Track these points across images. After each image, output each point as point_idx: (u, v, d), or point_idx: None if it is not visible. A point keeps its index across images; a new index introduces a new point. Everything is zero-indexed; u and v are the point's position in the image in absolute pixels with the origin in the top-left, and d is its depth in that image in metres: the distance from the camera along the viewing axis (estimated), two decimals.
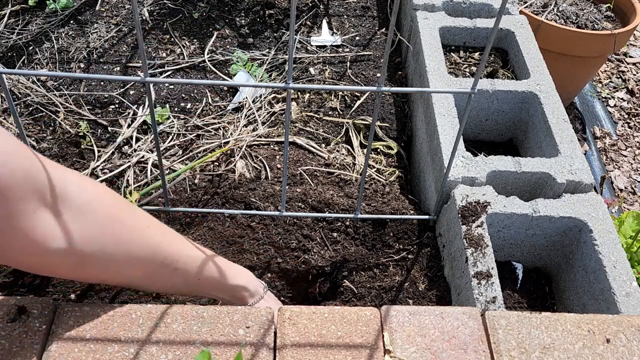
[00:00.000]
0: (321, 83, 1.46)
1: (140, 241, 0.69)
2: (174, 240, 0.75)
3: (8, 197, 0.53)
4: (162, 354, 0.72)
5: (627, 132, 2.34)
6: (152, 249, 0.71)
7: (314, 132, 1.35)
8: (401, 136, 1.38)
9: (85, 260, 0.64)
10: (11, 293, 0.97)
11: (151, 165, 1.23)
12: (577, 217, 0.99)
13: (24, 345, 0.71)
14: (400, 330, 0.78)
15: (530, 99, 1.23)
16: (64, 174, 0.61)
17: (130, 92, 1.42)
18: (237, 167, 1.22)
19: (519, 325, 0.78)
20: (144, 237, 0.70)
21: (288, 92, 0.81)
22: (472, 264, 0.90)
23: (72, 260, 0.63)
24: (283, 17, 1.68)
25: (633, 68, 2.61)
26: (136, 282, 0.76)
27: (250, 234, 1.09)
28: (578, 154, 1.07)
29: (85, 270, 0.67)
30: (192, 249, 0.77)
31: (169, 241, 0.74)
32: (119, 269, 0.69)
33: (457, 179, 1.02)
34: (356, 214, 1.05)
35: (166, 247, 0.73)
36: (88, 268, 0.66)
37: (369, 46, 1.60)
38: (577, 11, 2.08)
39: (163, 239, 0.73)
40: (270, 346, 0.75)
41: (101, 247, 0.64)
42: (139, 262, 0.70)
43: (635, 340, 0.78)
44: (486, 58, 0.79)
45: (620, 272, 0.91)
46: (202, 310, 0.78)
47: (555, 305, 1.08)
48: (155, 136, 0.88)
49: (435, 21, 1.38)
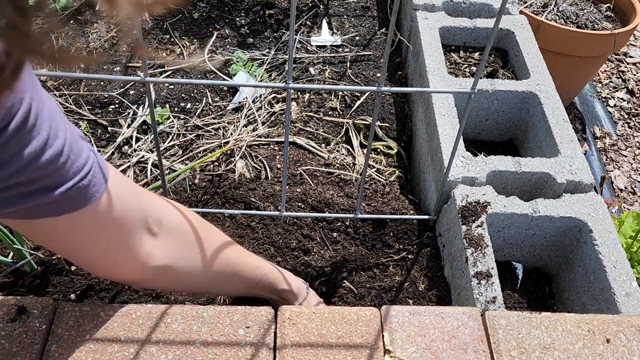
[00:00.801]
0: (321, 83, 1.46)
1: (217, 256, 0.78)
2: (240, 253, 0.84)
3: (123, 225, 0.64)
4: (162, 354, 0.72)
5: (627, 132, 2.34)
6: (225, 262, 0.80)
7: (314, 132, 1.35)
8: (401, 136, 1.38)
9: (175, 275, 0.74)
10: (11, 293, 0.97)
11: (151, 165, 1.23)
12: (577, 217, 0.99)
13: (24, 345, 0.71)
14: (400, 330, 0.78)
15: (530, 99, 1.23)
16: (159, 203, 0.71)
17: (130, 92, 1.42)
18: (237, 167, 1.22)
19: (519, 325, 0.78)
20: (220, 253, 0.79)
21: (288, 92, 0.81)
22: (472, 264, 0.90)
23: (165, 274, 0.73)
24: (283, 17, 1.68)
25: (633, 68, 2.61)
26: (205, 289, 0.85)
27: (250, 233, 1.09)
28: (578, 154, 1.07)
29: (173, 283, 0.77)
30: (253, 259, 0.85)
31: (237, 254, 0.82)
32: (199, 281, 0.78)
33: (457, 179, 1.02)
34: (356, 214, 1.05)
35: (235, 260, 0.81)
36: (176, 281, 0.76)
37: (369, 46, 1.60)
38: (577, 11, 2.08)
39: (233, 251, 0.82)
40: (270, 346, 0.75)
41: (188, 264, 0.74)
42: (215, 274, 0.79)
43: (635, 340, 0.78)
44: (486, 58, 0.79)
45: (620, 272, 0.91)
46: (202, 310, 0.78)
47: (555, 305, 1.08)
48: (155, 136, 0.88)
49: (435, 21, 1.38)
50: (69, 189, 0.55)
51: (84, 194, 0.57)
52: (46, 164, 0.52)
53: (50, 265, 1.00)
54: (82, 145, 0.57)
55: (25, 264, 0.98)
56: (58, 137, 0.53)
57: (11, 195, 0.52)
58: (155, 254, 0.69)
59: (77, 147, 0.56)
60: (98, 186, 0.58)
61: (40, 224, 0.58)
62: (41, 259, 0.99)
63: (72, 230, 0.60)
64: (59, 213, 0.57)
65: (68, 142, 0.54)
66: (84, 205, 0.57)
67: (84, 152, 0.56)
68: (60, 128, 0.53)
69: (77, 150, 0.55)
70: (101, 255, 0.66)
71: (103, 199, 0.59)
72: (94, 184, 0.58)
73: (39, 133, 0.51)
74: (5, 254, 1.02)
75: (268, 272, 0.87)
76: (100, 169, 0.59)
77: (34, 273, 0.99)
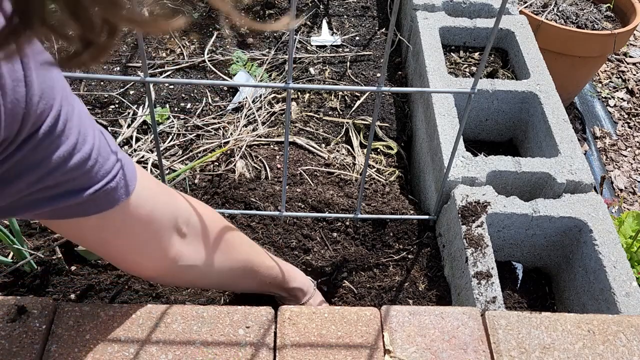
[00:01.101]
0: (321, 83, 1.46)
1: (238, 256, 0.82)
2: (257, 252, 0.87)
3: (151, 225, 0.66)
4: (162, 354, 0.72)
5: (627, 132, 2.34)
6: (245, 261, 0.83)
7: (314, 132, 1.35)
8: (401, 136, 1.38)
9: (199, 274, 0.76)
10: (11, 293, 0.97)
11: (151, 165, 1.23)
12: (577, 217, 0.99)
13: (24, 345, 0.71)
14: (400, 330, 0.78)
15: (530, 99, 1.23)
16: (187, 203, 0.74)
17: (130, 92, 1.42)
18: (237, 167, 1.22)
19: (519, 325, 0.78)
20: (241, 253, 0.83)
21: (288, 92, 0.81)
22: (472, 264, 0.90)
23: (190, 273, 0.75)
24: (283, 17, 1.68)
25: (633, 68, 2.61)
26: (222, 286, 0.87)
27: (250, 233, 1.09)
28: (578, 154, 1.07)
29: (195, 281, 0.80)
30: (268, 258, 0.88)
31: (255, 254, 0.86)
32: (220, 279, 0.82)
33: (457, 179, 1.02)
34: (356, 214, 1.05)
35: (253, 259, 0.85)
36: (198, 280, 0.79)
37: (369, 46, 1.60)
38: (577, 11, 2.08)
39: (252, 251, 0.85)
40: (270, 346, 0.75)
41: (212, 263, 0.77)
42: (235, 272, 0.82)
43: (635, 340, 0.78)
44: (486, 58, 0.79)
45: (620, 272, 0.91)
46: (202, 310, 0.78)
47: (555, 305, 1.08)
48: (155, 136, 0.88)
49: (435, 21, 1.38)
50: (97, 191, 0.56)
51: (112, 196, 0.58)
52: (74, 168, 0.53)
53: (50, 265, 1.00)
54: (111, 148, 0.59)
55: (25, 264, 0.98)
56: (87, 142, 0.54)
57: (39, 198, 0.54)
58: (183, 254, 0.72)
59: (106, 151, 0.57)
60: (126, 188, 0.60)
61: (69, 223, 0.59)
62: (41, 259, 0.99)
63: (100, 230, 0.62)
64: (87, 214, 0.58)
65: (96, 146, 0.55)
66: (112, 207, 0.59)
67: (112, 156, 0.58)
68: (89, 132, 0.55)
69: (106, 153, 0.57)
70: (129, 253, 0.69)
71: (131, 201, 0.61)
72: (122, 186, 0.59)
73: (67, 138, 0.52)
74: (5, 254, 1.02)
75: (280, 271, 0.90)
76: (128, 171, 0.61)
77: (34, 273, 0.99)
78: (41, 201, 0.54)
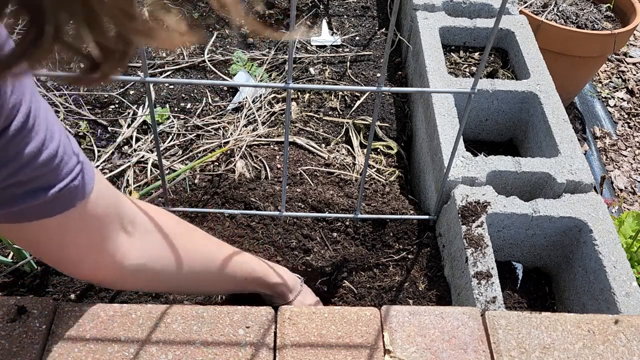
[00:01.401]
0: (321, 83, 1.46)
1: (198, 255, 0.79)
2: (226, 250, 0.83)
3: (103, 223, 0.65)
4: (162, 354, 0.72)
5: (627, 132, 2.34)
6: (208, 260, 0.80)
7: (314, 132, 1.35)
8: (401, 136, 1.38)
9: (154, 274, 0.74)
10: (11, 293, 0.97)
11: (151, 165, 1.23)
12: (577, 217, 0.99)
13: (24, 345, 0.71)
14: (400, 330, 0.78)
15: (530, 99, 1.23)
16: (133, 204, 0.72)
17: (130, 92, 1.42)
18: (237, 167, 1.22)
19: (519, 325, 0.78)
20: (202, 251, 0.80)
21: (288, 92, 0.81)
22: (472, 264, 0.90)
23: (143, 274, 0.73)
24: (283, 17, 1.68)
25: (633, 68, 2.61)
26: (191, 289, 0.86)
27: (250, 233, 1.09)
28: (578, 154, 1.07)
29: (153, 283, 0.78)
30: (241, 255, 0.85)
31: (222, 252, 0.82)
32: (180, 280, 0.78)
33: (457, 179, 1.02)
34: (356, 214, 1.05)
35: (219, 257, 0.81)
36: (156, 281, 0.77)
37: (369, 46, 1.60)
38: (577, 11, 2.08)
39: (215, 249, 0.82)
40: (270, 346, 0.75)
41: (166, 262, 0.74)
42: (196, 272, 0.79)
43: (635, 340, 0.78)
44: (486, 58, 0.79)
45: (620, 272, 0.91)
46: (202, 310, 0.78)
47: (555, 305, 1.08)
48: (155, 136, 0.88)
49: (435, 21, 1.38)
50: (62, 189, 0.56)
51: (75, 194, 0.59)
52: (43, 164, 0.53)
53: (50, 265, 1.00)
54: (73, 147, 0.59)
55: (25, 264, 0.98)
56: (54, 139, 0.55)
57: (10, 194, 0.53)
58: (130, 253, 0.70)
59: (70, 150, 0.58)
60: (87, 186, 0.60)
61: (30, 227, 0.59)
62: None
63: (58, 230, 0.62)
64: (52, 214, 0.58)
65: (62, 143, 0.56)
66: (74, 205, 0.59)
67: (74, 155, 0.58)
68: (56, 130, 0.55)
69: (70, 152, 0.57)
70: (83, 256, 0.67)
71: (91, 198, 0.61)
72: (84, 184, 0.60)
73: (37, 134, 0.52)
74: (5, 254, 1.02)
75: (256, 266, 0.87)
76: (88, 171, 0.61)
77: (34, 273, 0.99)
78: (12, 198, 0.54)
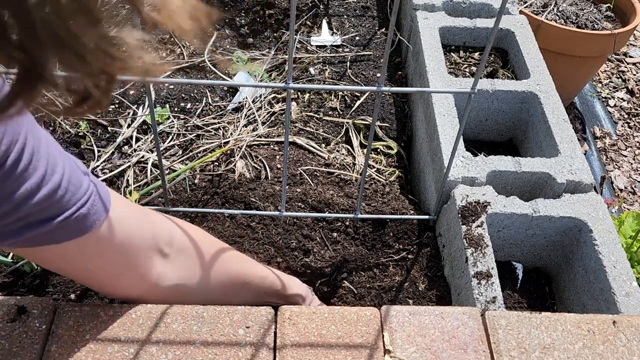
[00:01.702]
0: (321, 83, 1.46)
1: (227, 271, 0.81)
2: (248, 265, 0.86)
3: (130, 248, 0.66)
4: (162, 354, 0.72)
5: (627, 132, 2.34)
6: (234, 276, 0.83)
7: (314, 132, 1.35)
8: (401, 136, 1.38)
9: (187, 292, 0.77)
10: (11, 293, 0.97)
11: (151, 165, 1.23)
12: (577, 217, 0.99)
13: (24, 345, 0.71)
14: (400, 330, 0.78)
15: (530, 98, 1.23)
16: (168, 224, 0.74)
17: (130, 92, 1.42)
18: (237, 167, 1.22)
19: (519, 325, 0.78)
20: (230, 268, 0.82)
21: (288, 92, 0.81)
22: (472, 264, 0.90)
23: (177, 293, 0.75)
24: (283, 17, 1.68)
25: (633, 68, 2.61)
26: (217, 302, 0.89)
27: (250, 233, 1.09)
28: (578, 154, 1.07)
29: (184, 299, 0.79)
30: (260, 269, 0.88)
31: (246, 267, 0.85)
32: (211, 295, 0.81)
33: (457, 179, 1.02)
34: (356, 214, 1.05)
35: (244, 273, 0.84)
36: (187, 298, 0.79)
37: (369, 46, 1.60)
38: (577, 11, 2.08)
39: (242, 265, 0.85)
40: (270, 346, 0.75)
41: (199, 281, 0.77)
42: (225, 288, 0.82)
43: (635, 340, 0.78)
44: (486, 58, 0.79)
45: (620, 272, 0.91)
46: (202, 310, 0.78)
47: (555, 305, 1.08)
48: (155, 136, 0.88)
49: (435, 21, 1.38)
50: (67, 217, 0.57)
51: (83, 222, 0.59)
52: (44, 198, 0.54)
53: None
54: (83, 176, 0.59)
55: (25, 264, 0.98)
56: (56, 172, 0.55)
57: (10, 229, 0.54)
58: (166, 275, 0.72)
59: (77, 179, 0.58)
60: (99, 214, 0.60)
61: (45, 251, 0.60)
62: None
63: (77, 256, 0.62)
64: (60, 240, 0.59)
65: (67, 175, 0.56)
66: (85, 233, 0.59)
67: (84, 183, 0.59)
68: (59, 162, 0.55)
69: (77, 182, 0.58)
70: (110, 278, 0.69)
71: (105, 226, 0.62)
72: (94, 212, 0.60)
73: (35, 170, 0.53)
74: (5, 253, 1.02)
75: (275, 280, 0.89)
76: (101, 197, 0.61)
77: (34, 273, 0.99)
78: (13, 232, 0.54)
